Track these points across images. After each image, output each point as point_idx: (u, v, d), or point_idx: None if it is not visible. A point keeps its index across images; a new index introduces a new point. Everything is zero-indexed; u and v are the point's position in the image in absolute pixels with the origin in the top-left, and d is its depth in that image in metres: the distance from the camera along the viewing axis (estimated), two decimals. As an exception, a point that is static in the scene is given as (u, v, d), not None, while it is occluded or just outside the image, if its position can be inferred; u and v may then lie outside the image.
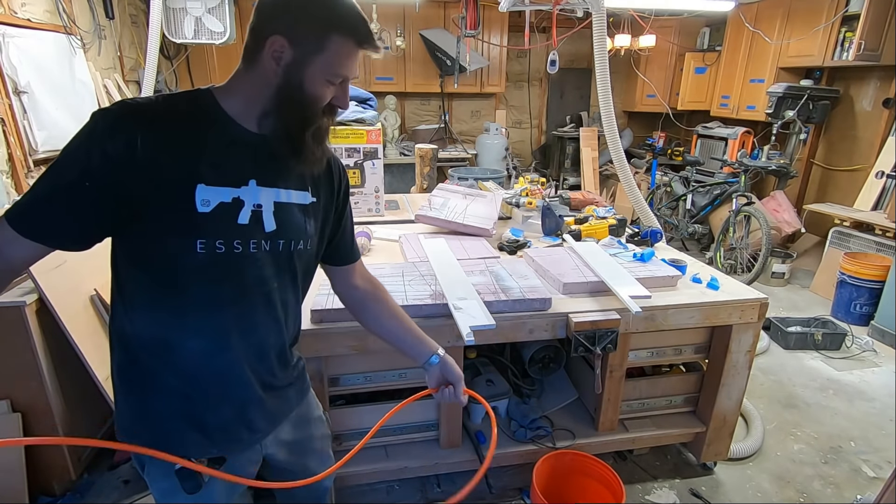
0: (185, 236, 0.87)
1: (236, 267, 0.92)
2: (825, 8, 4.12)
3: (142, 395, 0.97)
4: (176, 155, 0.85)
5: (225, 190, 0.88)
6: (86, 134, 0.82)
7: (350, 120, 2.56)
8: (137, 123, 0.83)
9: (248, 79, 0.91)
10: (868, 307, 3.47)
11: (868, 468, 2.22)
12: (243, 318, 0.96)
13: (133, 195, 0.83)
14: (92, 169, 0.80)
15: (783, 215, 4.39)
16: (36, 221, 0.84)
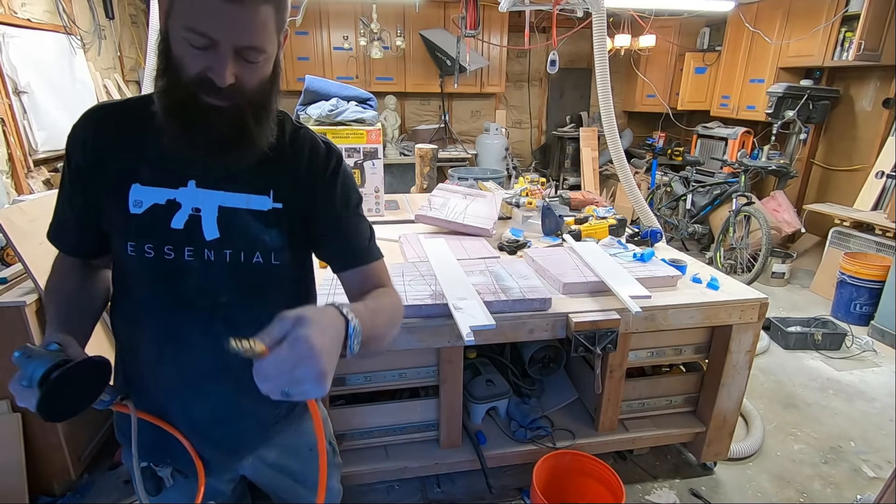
0: (119, 237, 0.84)
1: (170, 275, 0.84)
2: (825, 8, 4.12)
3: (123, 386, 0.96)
4: (118, 154, 0.83)
5: (160, 191, 0.81)
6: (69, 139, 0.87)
7: (350, 120, 2.57)
8: (87, 125, 0.85)
9: None
10: (868, 307, 3.47)
11: (868, 468, 2.22)
12: (182, 330, 0.87)
13: (89, 196, 0.85)
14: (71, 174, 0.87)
15: (783, 215, 4.39)
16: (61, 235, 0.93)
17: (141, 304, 0.89)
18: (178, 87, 0.73)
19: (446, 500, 1.99)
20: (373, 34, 4.82)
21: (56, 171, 3.10)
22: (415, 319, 1.60)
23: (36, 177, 2.91)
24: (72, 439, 1.94)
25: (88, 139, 0.84)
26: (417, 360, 1.76)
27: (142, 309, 0.89)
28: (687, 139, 5.95)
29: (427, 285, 1.73)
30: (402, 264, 1.95)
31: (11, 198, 2.58)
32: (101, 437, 2.17)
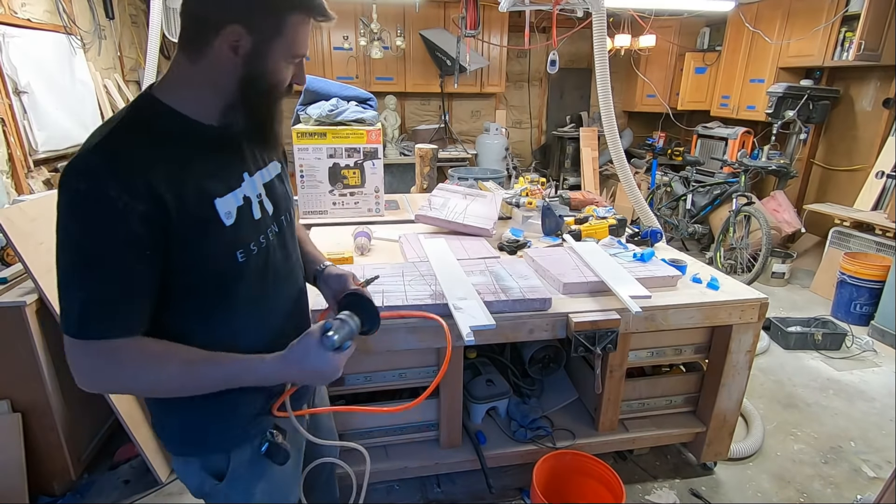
0: (224, 253, 0.86)
1: (267, 259, 0.95)
2: (825, 8, 4.12)
3: (216, 399, 0.91)
4: (180, 181, 0.80)
5: (234, 194, 0.88)
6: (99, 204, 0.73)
7: (350, 120, 2.57)
8: (140, 165, 0.77)
9: (198, 72, 0.83)
10: (868, 307, 3.47)
11: (868, 468, 2.22)
12: (279, 308, 1.01)
13: (162, 234, 0.79)
14: (139, 235, 0.76)
15: (783, 215, 4.39)
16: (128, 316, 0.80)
17: (254, 300, 0.94)
18: (269, 101, 0.88)
19: (446, 500, 1.99)
20: (373, 34, 4.82)
21: (56, 171, 3.10)
22: (415, 319, 1.60)
23: (36, 177, 2.91)
24: (72, 439, 1.95)
25: (149, 182, 0.76)
26: (417, 360, 1.77)
27: (255, 304, 0.95)
28: (687, 139, 5.95)
29: (427, 285, 1.73)
30: (402, 264, 1.95)
31: (11, 198, 2.58)
32: (101, 437, 2.17)
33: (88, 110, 3.35)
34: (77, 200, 0.74)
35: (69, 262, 0.76)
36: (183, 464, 1.00)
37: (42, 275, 1.74)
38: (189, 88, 0.85)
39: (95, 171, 0.74)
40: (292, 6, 0.82)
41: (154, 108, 0.84)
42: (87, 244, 0.75)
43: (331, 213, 2.65)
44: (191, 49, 0.82)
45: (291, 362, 0.88)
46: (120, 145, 0.78)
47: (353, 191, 2.64)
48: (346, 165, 2.58)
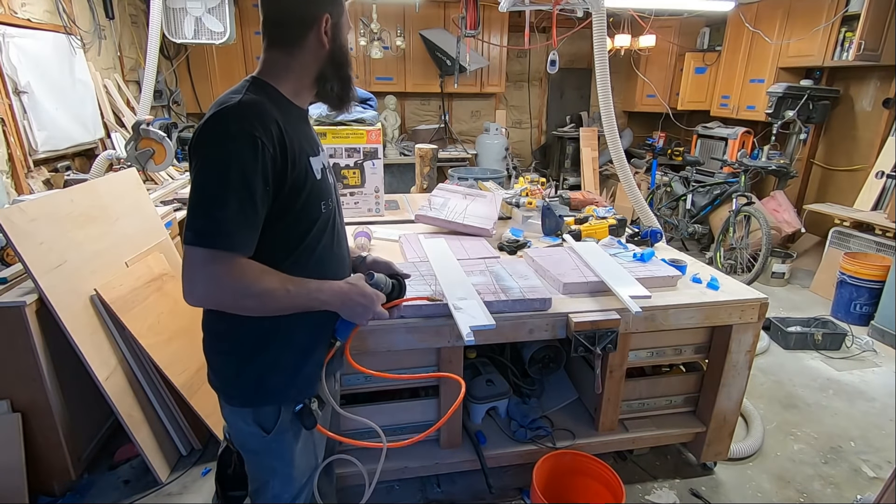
0: (313, 202, 1.06)
1: (335, 220, 1.15)
2: (825, 8, 4.12)
3: (276, 352, 1.10)
4: (291, 137, 1.00)
5: (317, 159, 1.10)
6: (244, 142, 0.92)
7: (350, 120, 2.56)
8: (265, 121, 0.95)
9: (296, 63, 1.05)
10: (868, 307, 3.47)
11: (868, 468, 2.22)
12: (341, 260, 1.20)
13: (281, 175, 0.98)
14: (264, 168, 0.94)
15: (783, 215, 4.39)
16: (249, 236, 0.97)
17: (325, 250, 1.12)
18: (348, 65, 1.10)
19: (446, 500, 1.99)
20: (373, 34, 4.82)
21: (56, 171, 3.10)
22: (415, 319, 1.61)
23: (36, 177, 2.91)
24: (72, 439, 1.95)
25: (279, 131, 0.97)
26: (417, 360, 1.77)
27: (325, 253, 1.13)
28: (687, 139, 5.95)
29: (427, 285, 1.73)
30: (402, 264, 1.95)
31: (11, 198, 2.58)
32: (101, 437, 2.17)
33: (88, 110, 3.35)
34: (228, 136, 0.93)
35: (218, 184, 0.92)
36: (236, 416, 1.15)
37: (42, 275, 1.74)
38: (286, 76, 1.06)
39: (242, 116, 0.94)
40: None
41: (264, 85, 1.04)
42: (236, 171, 0.92)
43: (331, 213, 2.65)
44: (287, 45, 1.04)
45: (354, 290, 1.08)
46: (257, 101, 0.98)
47: (353, 191, 2.64)
48: (346, 165, 2.58)
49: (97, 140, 3.43)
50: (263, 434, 1.14)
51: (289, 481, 1.22)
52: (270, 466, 1.20)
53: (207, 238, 0.92)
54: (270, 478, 1.22)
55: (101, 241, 2.04)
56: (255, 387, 1.11)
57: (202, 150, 0.94)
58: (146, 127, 2.54)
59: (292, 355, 1.12)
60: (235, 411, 1.15)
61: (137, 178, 2.44)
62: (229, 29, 3.51)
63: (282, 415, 1.14)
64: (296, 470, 1.22)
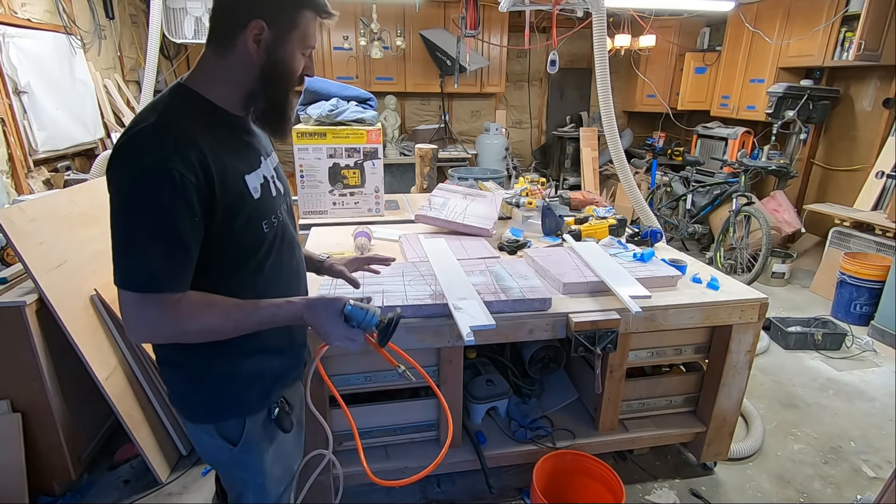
0: (254, 223, 0.98)
1: (283, 233, 1.08)
2: (825, 8, 4.12)
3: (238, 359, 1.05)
4: (219, 156, 0.91)
5: (256, 173, 1.00)
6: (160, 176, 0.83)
7: (350, 120, 2.57)
8: (185, 147, 0.86)
9: (225, 65, 0.95)
10: (868, 307, 3.47)
11: (868, 468, 2.22)
12: (294, 273, 1.15)
13: (214, 209, 0.91)
14: (189, 199, 0.86)
15: (783, 215, 4.39)
16: (179, 276, 0.90)
17: (273, 266, 1.06)
18: (285, 88, 0.99)
19: (446, 500, 1.99)
20: (373, 34, 4.82)
21: (56, 170, 3.10)
22: (415, 319, 1.61)
23: (36, 177, 2.92)
24: (72, 439, 1.95)
25: (200, 157, 0.87)
26: (417, 360, 1.75)
27: (275, 269, 1.07)
28: (687, 139, 5.95)
29: (427, 285, 1.73)
30: (402, 264, 1.95)
31: (11, 198, 2.58)
32: (101, 437, 2.17)
33: (88, 110, 3.35)
34: (140, 171, 0.84)
35: (134, 226, 0.86)
36: (200, 432, 1.09)
37: (42, 275, 1.74)
38: (216, 80, 0.96)
39: (156, 146, 0.85)
40: (304, 4, 0.94)
41: (188, 96, 0.95)
42: (152, 210, 0.84)
43: (331, 213, 2.66)
44: (218, 44, 0.94)
45: (315, 308, 1.00)
46: (172, 125, 0.88)
47: (353, 191, 2.64)
48: (346, 165, 2.58)
49: (97, 140, 3.43)
50: (231, 447, 1.09)
51: (262, 492, 1.18)
52: (242, 479, 1.16)
53: (134, 283, 0.87)
54: (244, 490, 1.18)
55: (101, 241, 2.03)
56: (215, 400, 1.06)
57: (116, 184, 0.86)
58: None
59: (251, 363, 1.06)
60: (198, 427, 1.09)
61: (137, 178, 2.44)
62: (229, 29, 3.50)
63: (247, 425, 1.09)
64: (269, 480, 1.17)
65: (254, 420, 1.10)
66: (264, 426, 1.11)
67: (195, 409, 1.08)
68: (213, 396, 1.06)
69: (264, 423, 1.11)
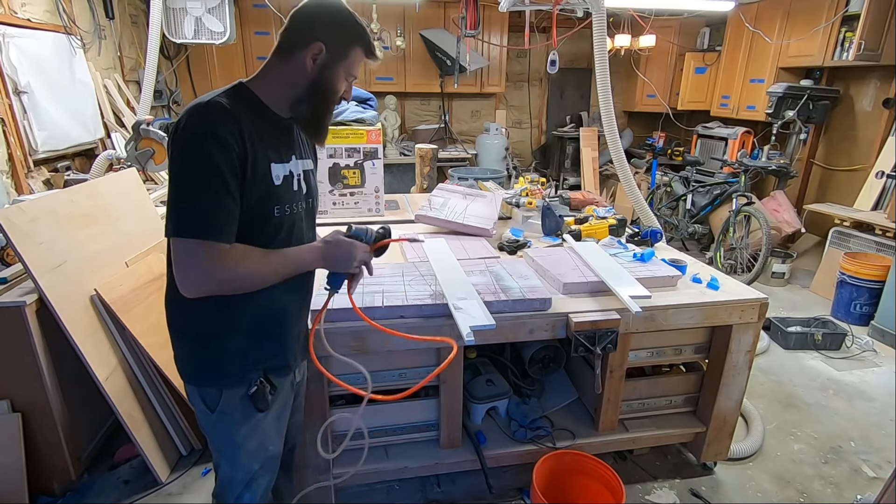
0: (266, 204, 1.10)
1: (293, 224, 1.19)
2: (825, 8, 4.12)
3: (224, 336, 1.16)
4: (255, 142, 1.06)
5: (283, 165, 1.15)
6: (211, 142, 0.99)
7: (350, 120, 2.56)
8: (232, 121, 1.02)
9: (283, 72, 1.13)
10: (868, 307, 3.47)
11: (868, 468, 2.22)
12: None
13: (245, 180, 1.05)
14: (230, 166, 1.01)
15: (783, 215, 4.39)
16: (227, 228, 1.03)
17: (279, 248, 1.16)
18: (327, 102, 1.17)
19: (446, 500, 1.99)
20: (373, 34, 4.80)
21: (56, 171, 3.10)
22: (415, 319, 1.61)
23: (36, 177, 2.91)
24: (72, 439, 1.95)
25: (241, 132, 1.03)
26: (417, 360, 1.77)
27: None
28: (687, 139, 5.95)
29: (427, 285, 1.73)
30: (402, 264, 1.95)
31: (11, 198, 2.58)
32: (101, 437, 2.17)
33: (88, 110, 3.35)
34: (194, 136, 1.00)
35: (190, 179, 0.99)
36: (192, 394, 1.22)
37: (42, 275, 1.74)
38: (271, 83, 1.14)
39: (207, 117, 1.01)
40: (358, 41, 1.16)
41: (242, 91, 1.12)
42: (204, 167, 0.99)
43: (331, 212, 2.65)
44: (282, 55, 1.12)
45: (330, 245, 1.19)
46: (223, 105, 1.04)
47: (353, 191, 2.64)
48: (346, 165, 2.58)
49: (97, 140, 3.43)
50: (209, 412, 1.20)
51: (235, 464, 1.26)
52: (217, 448, 1.26)
53: (190, 229, 0.99)
54: (220, 459, 1.28)
55: (101, 241, 2.04)
56: (202, 366, 1.19)
57: (176, 148, 1.01)
58: (146, 127, 2.54)
59: (238, 341, 1.17)
60: (189, 388, 1.22)
61: (137, 178, 2.44)
62: (229, 29, 3.51)
63: (223, 396, 1.19)
64: (242, 454, 1.25)
65: (230, 392, 1.19)
66: (242, 401, 1.20)
67: (188, 370, 1.21)
68: (201, 363, 1.18)
69: (242, 398, 1.20)
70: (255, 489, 1.31)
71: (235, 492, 1.29)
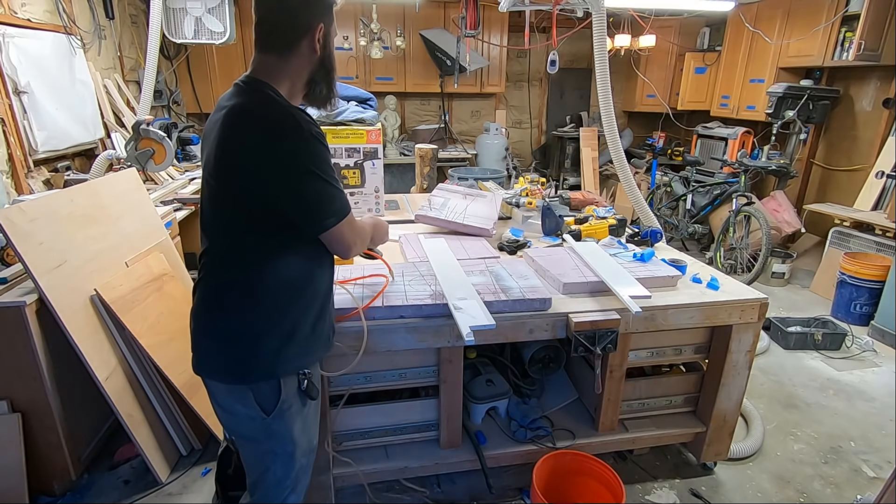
0: None
1: None
2: (825, 8, 4.12)
3: (295, 327, 1.17)
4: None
5: None
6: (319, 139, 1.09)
7: (350, 120, 2.56)
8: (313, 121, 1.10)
9: (290, 67, 1.12)
10: (868, 307, 3.47)
11: (868, 468, 2.22)
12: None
13: None
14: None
15: (783, 215, 4.39)
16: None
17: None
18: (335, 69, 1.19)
19: (446, 500, 1.99)
20: (373, 34, 4.82)
21: (56, 171, 3.10)
22: (415, 319, 1.61)
23: (36, 177, 2.91)
24: (72, 439, 1.95)
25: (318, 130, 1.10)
26: (417, 360, 1.77)
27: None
28: (687, 139, 5.95)
29: (427, 285, 1.73)
30: (402, 264, 1.95)
31: (11, 198, 2.58)
32: (101, 437, 2.17)
33: (88, 110, 3.35)
34: (311, 136, 1.06)
35: (324, 175, 1.08)
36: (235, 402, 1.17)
37: (42, 275, 1.73)
38: (281, 79, 1.12)
39: (308, 120, 1.07)
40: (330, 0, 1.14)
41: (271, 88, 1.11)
42: (326, 162, 1.09)
43: (331, 213, 2.65)
44: (283, 49, 1.11)
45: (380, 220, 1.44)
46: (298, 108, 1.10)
47: (353, 191, 2.64)
48: (346, 165, 2.58)
49: (97, 140, 3.43)
50: (263, 416, 1.17)
51: (290, 462, 1.24)
52: (271, 451, 1.23)
53: (344, 212, 1.13)
54: (271, 463, 1.24)
55: (102, 241, 2.04)
56: (273, 358, 1.15)
57: (291, 148, 1.05)
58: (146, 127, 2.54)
59: (306, 325, 1.19)
60: (235, 393, 1.17)
61: (137, 178, 2.44)
62: (229, 29, 3.51)
63: (283, 393, 1.17)
64: (298, 449, 1.24)
65: (289, 386, 1.18)
66: (298, 393, 1.21)
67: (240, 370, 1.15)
68: (273, 353, 1.15)
69: (297, 390, 1.20)
70: (299, 490, 1.31)
71: (283, 495, 1.27)
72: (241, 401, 1.17)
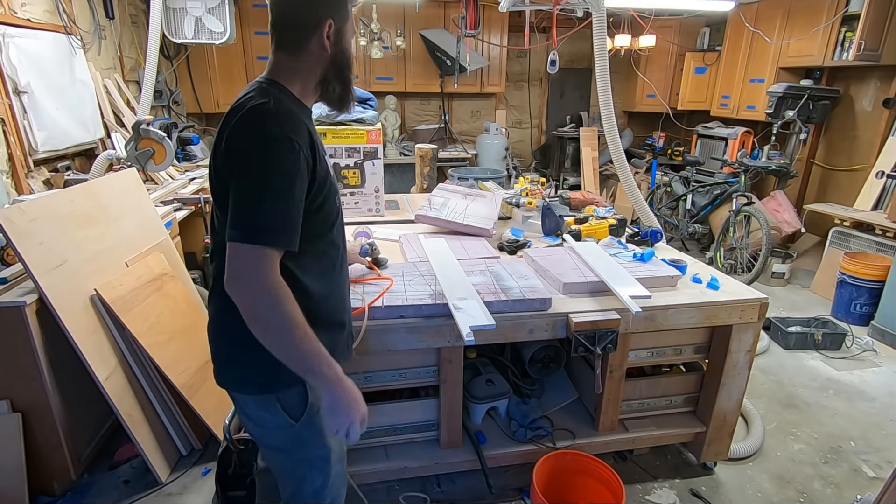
0: (332, 198, 1.12)
1: (339, 211, 1.19)
2: (825, 8, 4.12)
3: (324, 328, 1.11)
4: (315, 138, 1.07)
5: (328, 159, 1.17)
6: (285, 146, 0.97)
7: (350, 120, 2.56)
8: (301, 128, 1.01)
9: (301, 66, 1.09)
10: (868, 307, 3.47)
11: (868, 468, 2.22)
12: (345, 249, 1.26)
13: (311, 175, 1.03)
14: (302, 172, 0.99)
15: (783, 215, 4.39)
16: (294, 234, 1.00)
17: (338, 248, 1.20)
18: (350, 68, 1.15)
19: (446, 500, 1.99)
20: (373, 34, 4.82)
21: (56, 171, 3.10)
22: (415, 319, 1.61)
23: (36, 177, 2.91)
24: (72, 439, 1.95)
25: (304, 134, 1.01)
26: (417, 360, 1.77)
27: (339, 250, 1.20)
28: (687, 139, 5.95)
29: (427, 285, 1.73)
30: (402, 264, 1.95)
31: (11, 198, 2.58)
32: (101, 437, 2.17)
33: (88, 110, 3.35)
34: (269, 139, 0.96)
35: (258, 186, 0.95)
36: (261, 410, 1.13)
37: (42, 275, 1.74)
38: (293, 78, 1.09)
39: (279, 120, 0.98)
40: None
41: (283, 89, 1.08)
42: (278, 173, 0.96)
43: (331, 213, 2.65)
44: (292, 47, 1.07)
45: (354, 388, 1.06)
46: (286, 107, 1.03)
47: (353, 191, 2.64)
48: (346, 165, 2.58)
49: (97, 140, 3.42)
50: (292, 423, 1.13)
51: (327, 468, 1.20)
52: (305, 459, 1.18)
53: (256, 236, 0.95)
54: (307, 471, 1.20)
55: (101, 241, 2.04)
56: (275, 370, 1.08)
57: (243, 148, 0.97)
58: (146, 127, 2.54)
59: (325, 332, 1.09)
60: (261, 403, 1.12)
61: (137, 178, 2.44)
62: (229, 29, 3.51)
63: (310, 397, 1.13)
64: (332, 454, 1.20)
65: (313, 389, 1.13)
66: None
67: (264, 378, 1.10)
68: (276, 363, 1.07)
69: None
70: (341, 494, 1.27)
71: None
72: (269, 410, 1.13)
